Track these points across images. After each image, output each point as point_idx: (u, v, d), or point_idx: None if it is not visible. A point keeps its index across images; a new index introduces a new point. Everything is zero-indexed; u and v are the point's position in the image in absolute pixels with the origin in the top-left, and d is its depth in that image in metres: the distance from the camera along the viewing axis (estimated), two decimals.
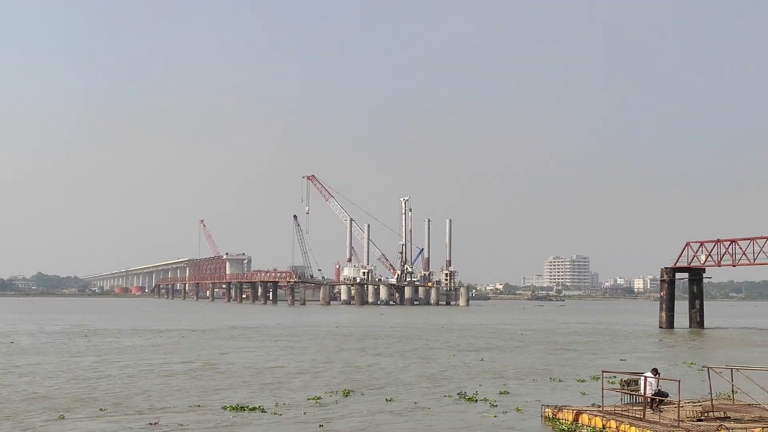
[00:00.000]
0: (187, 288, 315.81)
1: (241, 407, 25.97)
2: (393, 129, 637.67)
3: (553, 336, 73.07)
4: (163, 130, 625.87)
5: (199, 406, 26.55)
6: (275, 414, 25.03)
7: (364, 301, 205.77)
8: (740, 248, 79.90)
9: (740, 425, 21.16)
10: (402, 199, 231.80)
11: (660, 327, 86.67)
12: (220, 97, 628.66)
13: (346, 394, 29.88)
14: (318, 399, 28.28)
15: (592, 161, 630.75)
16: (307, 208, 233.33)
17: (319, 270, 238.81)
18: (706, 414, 22.48)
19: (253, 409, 25.80)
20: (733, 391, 24.18)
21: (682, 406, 22.21)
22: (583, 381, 35.38)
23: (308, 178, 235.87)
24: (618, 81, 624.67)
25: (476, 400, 28.48)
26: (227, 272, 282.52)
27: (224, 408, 25.99)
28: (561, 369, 41.07)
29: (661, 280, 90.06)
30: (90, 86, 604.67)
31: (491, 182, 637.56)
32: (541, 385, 33.69)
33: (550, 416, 24.08)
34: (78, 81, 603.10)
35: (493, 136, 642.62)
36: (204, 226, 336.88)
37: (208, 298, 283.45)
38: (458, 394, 30.04)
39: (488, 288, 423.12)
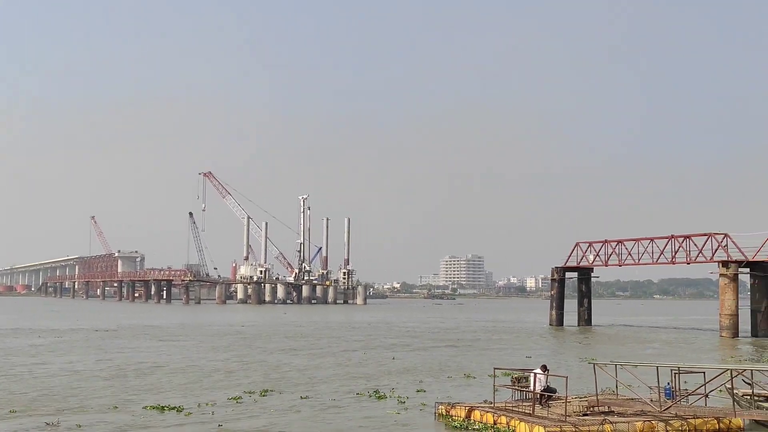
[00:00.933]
0: (76, 286, 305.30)
1: (161, 407, 25.74)
2: (290, 127, 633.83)
3: (459, 333, 74.87)
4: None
5: (116, 407, 26.15)
6: (182, 413, 24.93)
7: (261, 300, 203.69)
8: (626, 249, 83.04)
9: (623, 419, 22.06)
10: (300, 198, 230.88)
11: (550, 325, 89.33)
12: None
13: (264, 393, 29.92)
14: (238, 399, 28.25)
15: (489, 163, 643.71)
16: (204, 205, 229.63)
17: (215, 268, 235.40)
18: (591, 409, 23.33)
19: (172, 408, 25.57)
20: (617, 386, 25.16)
21: (569, 402, 22.96)
22: (471, 377, 36.23)
23: (205, 174, 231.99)
24: (489, 82, 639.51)
25: (388, 398, 29.03)
26: (119, 270, 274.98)
27: (145, 408, 25.72)
28: (470, 365, 42.23)
29: (551, 280, 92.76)
30: None
31: (390, 182, 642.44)
32: (455, 382, 34.50)
33: (444, 413, 24.51)
34: None
35: (389, 136, 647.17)
36: (95, 222, 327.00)
37: (98, 297, 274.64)
38: (374, 392, 30.46)
39: (386, 287, 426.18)
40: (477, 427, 22.49)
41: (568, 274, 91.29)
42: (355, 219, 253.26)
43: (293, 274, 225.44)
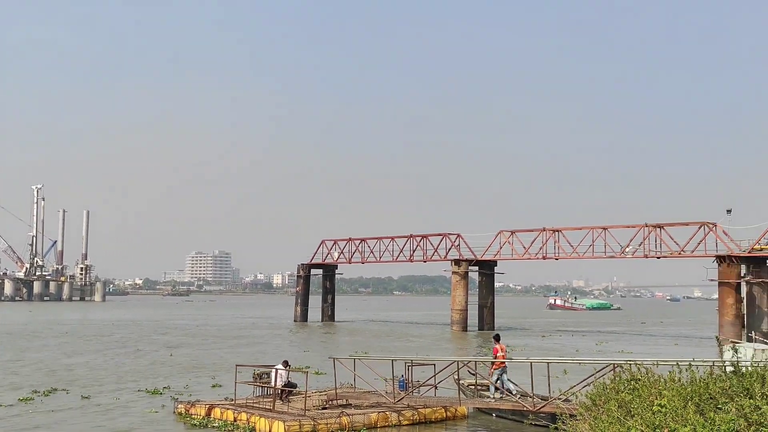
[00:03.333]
0: None
1: None
2: (22, 114, 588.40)
3: (211, 330, 74.07)
4: None
5: None
6: None
7: None
8: (369, 247, 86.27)
9: (359, 411, 22.93)
10: (34, 188, 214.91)
11: (295, 321, 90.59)
12: None
13: (48, 393, 28.89)
14: (29, 399, 27.10)
15: (235, 160, 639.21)
16: None
17: None
18: (330, 402, 24.00)
19: None
20: (354, 380, 26.05)
21: (309, 396, 23.44)
22: (217, 374, 35.87)
23: None
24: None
25: (161, 393, 29.01)
26: None
27: None
28: (219, 362, 41.83)
29: (297, 276, 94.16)
30: None
31: (133, 176, 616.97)
32: (201, 380, 33.98)
33: (183, 412, 24.06)
34: None
35: (141, 130, 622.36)
36: None
37: None
38: (148, 390, 29.97)
39: (127, 283, 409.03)
40: (217, 424, 22.30)
41: (313, 271, 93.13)
42: (95, 212, 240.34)
43: (24, 270, 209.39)
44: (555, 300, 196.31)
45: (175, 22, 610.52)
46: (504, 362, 24.86)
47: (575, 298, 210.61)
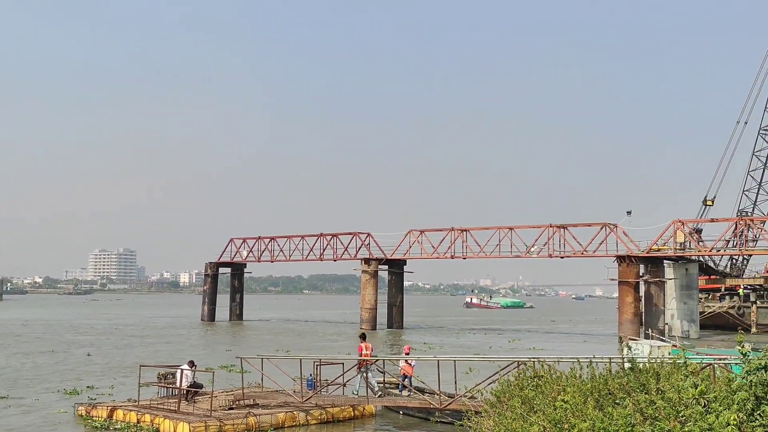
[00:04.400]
0: None
1: None
2: None
3: (137, 330, 72.02)
4: None
5: None
6: None
7: None
8: (278, 245, 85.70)
9: (267, 411, 22.76)
10: None
11: (202, 320, 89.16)
12: None
13: None
14: None
15: (143, 156, 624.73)
16: None
17: None
18: (237, 402, 23.74)
19: None
20: (262, 379, 25.82)
21: (215, 396, 23.14)
22: (121, 375, 35.03)
23: None
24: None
25: (78, 394, 28.42)
26: None
27: None
28: (124, 362, 40.71)
29: (205, 275, 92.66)
30: None
31: (34, 170, 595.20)
32: (103, 381, 33.08)
33: (84, 414, 23.41)
34: None
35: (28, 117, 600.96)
36: None
37: None
38: (62, 391, 29.40)
39: (26, 281, 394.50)
40: (119, 426, 21.79)
41: (221, 270, 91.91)
42: None
43: None
44: (471, 299, 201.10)
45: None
46: (367, 361, 25.28)
47: (491, 296, 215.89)
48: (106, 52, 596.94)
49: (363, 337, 26.87)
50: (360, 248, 78.71)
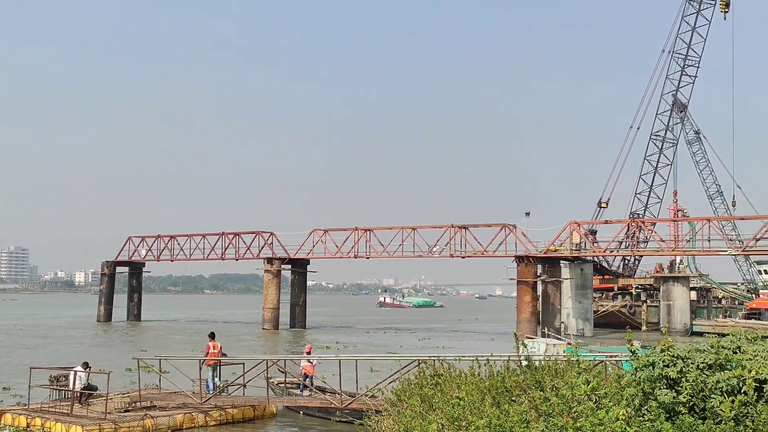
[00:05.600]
0: None
1: None
2: None
3: (30, 330, 69.15)
4: None
5: None
6: None
7: None
8: (179, 244, 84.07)
9: (165, 413, 22.30)
10: None
11: (98, 320, 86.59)
12: None
13: None
14: None
15: (35, 152, 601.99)
16: None
17: None
18: (133, 404, 23.17)
19: None
20: (160, 381, 25.29)
21: (111, 399, 22.54)
22: (12, 378, 33.69)
23: None
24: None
25: None
26: None
27: None
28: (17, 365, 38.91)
29: (102, 274, 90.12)
30: None
31: None
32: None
33: None
34: None
35: None
36: None
37: None
38: None
39: None
40: (9, 431, 20.93)
41: (119, 269, 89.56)
42: None
43: None
44: (385, 298, 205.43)
45: None
46: (216, 360, 25.34)
47: (403, 296, 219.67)
48: None
49: (212, 336, 26.71)
50: (263, 247, 78.04)
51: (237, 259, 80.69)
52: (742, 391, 9.61)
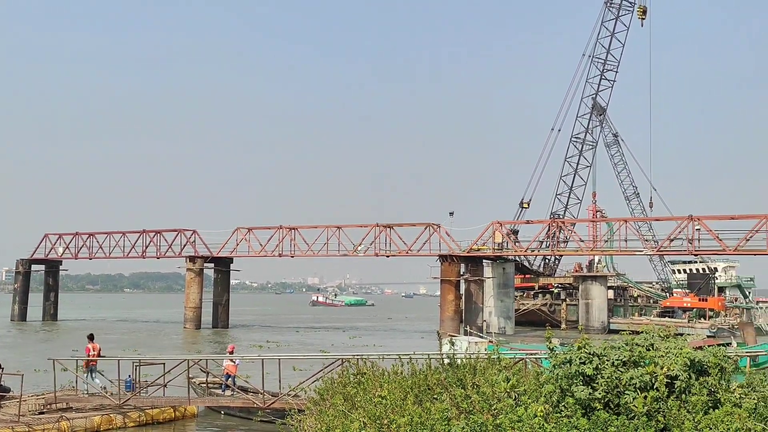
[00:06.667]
0: None
1: None
2: None
3: None
4: None
5: None
6: None
7: None
8: (98, 242, 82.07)
9: (81, 415, 21.78)
10: None
11: (12, 320, 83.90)
12: None
13: None
14: None
15: None
16: None
17: None
18: (49, 406, 22.55)
19: None
20: (77, 382, 24.69)
21: (24, 401, 21.89)
22: None
23: None
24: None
25: None
26: None
27: None
28: None
29: (16, 272, 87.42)
30: None
31: None
32: None
33: None
34: None
35: None
36: None
37: None
38: None
39: None
40: None
41: (34, 267, 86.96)
42: None
43: None
44: (317, 297, 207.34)
45: None
46: (95, 360, 25.28)
47: (336, 294, 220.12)
48: None
49: (91, 337, 26.43)
50: (185, 246, 76.86)
51: (158, 258, 79.27)
52: (654, 386, 9.94)
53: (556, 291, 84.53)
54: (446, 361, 16.17)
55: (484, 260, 69.62)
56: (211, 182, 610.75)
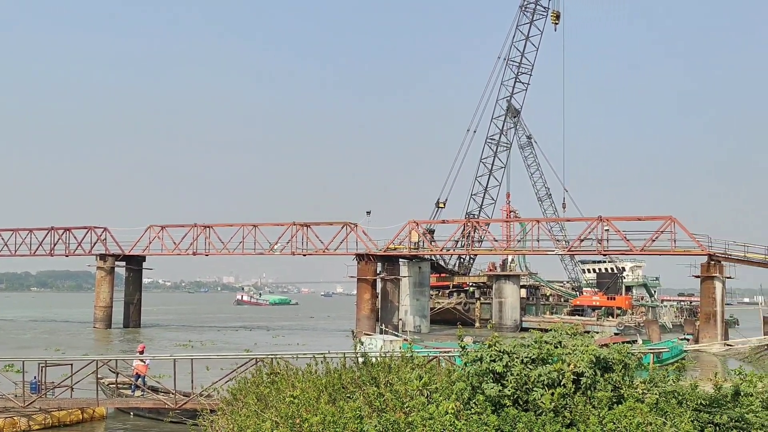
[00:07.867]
0: None
1: None
2: None
3: None
4: None
5: None
6: None
7: None
8: (2, 239, 79.12)
9: None
10: None
11: None
12: None
13: None
14: None
15: None
16: None
17: None
18: None
19: None
20: None
21: None
22: None
23: None
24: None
25: None
26: None
27: None
28: None
29: None
30: None
31: None
32: None
33: None
34: None
35: None
36: None
37: None
38: None
39: None
40: None
41: None
42: None
43: None
44: (242, 296, 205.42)
45: None
46: None
47: (260, 294, 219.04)
48: None
49: None
50: (95, 243, 74.84)
51: (67, 255, 76.98)
52: (561, 383, 10.20)
53: (470, 290, 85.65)
54: (360, 360, 16.22)
55: (400, 259, 70.10)
56: (124, 179, 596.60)
